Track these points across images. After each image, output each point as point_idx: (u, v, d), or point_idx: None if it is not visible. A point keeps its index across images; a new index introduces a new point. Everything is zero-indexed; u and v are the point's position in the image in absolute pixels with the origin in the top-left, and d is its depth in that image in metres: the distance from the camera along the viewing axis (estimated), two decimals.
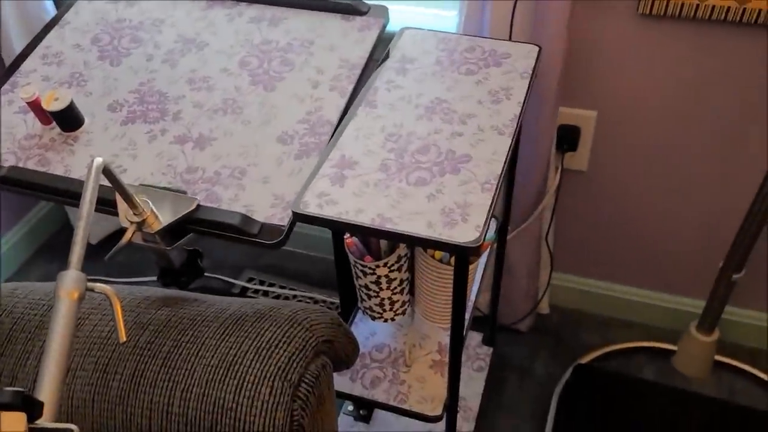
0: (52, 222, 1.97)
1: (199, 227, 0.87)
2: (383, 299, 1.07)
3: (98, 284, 0.66)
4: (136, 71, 1.05)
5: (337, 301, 1.75)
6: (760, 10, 1.11)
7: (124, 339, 0.69)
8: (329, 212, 0.82)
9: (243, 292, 1.81)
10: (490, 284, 1.49)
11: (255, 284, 1.83)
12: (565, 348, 1.63)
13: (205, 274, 1.83)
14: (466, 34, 1.18)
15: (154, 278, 1.03)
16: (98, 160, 0.70)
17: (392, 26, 1.13)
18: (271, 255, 1.89)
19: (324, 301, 1.77)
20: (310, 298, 1.78)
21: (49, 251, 1.93)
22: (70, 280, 0.62)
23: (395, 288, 1.06)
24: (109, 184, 0.78)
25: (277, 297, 1.79)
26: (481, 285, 1.23)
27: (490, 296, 1.50)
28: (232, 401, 0.81)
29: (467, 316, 1.14)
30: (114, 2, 1.15)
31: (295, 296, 1.79)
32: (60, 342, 0.57)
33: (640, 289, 1.63)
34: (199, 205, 0.87)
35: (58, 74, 1.05)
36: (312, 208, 0.83)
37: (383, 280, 1.04)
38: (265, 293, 1.80)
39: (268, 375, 0.82)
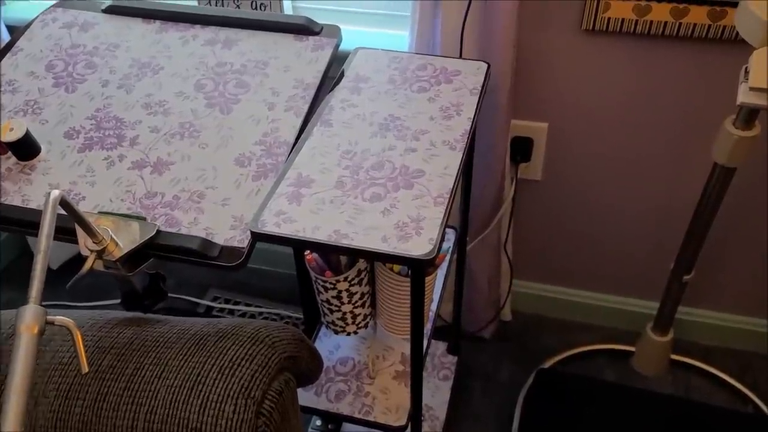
0: (11, 249, 1.94)
1: (159, 252, 0.88)
2: (345, 313, 1.09)
3: (58, 317, 0.67)
4: (92, 97, 1.06)
5: (302, 316, 1.76)
6: (694, 25, 1.17)
7: (86, 370, 0.70)
8: (287, 230, 0.84)
9: (208, 312, 1.81)
10: (452, 294, 1.52)
11: (220, 303, 1.83)
12: (529, 353, 1.67)
13: (171, 294, 1.83)
14: (417, 53, 1.22)
15: (118, 301, 1.04)
16: (55, 193, 0.71)
17: (346, 46, 1.16)
18: (237, 273, 1.89)
19: (290, 317, 1.78)
20: (276, 314, 1.79)
21: (11, 278, 1.91)
22: (30, 314, 0.63)
23: (356, 302, 1.08)
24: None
25: (243, 315, 1.80)
26: (444, 295, 1.26)
27: (453, 305, 1.53)
28: (196, 421, 0.82)
29: (429, 326, 1.16)
30: (68, 28, 1.16)
31: (261, 313, 1.80)
32: (22, 376, 0.58)
33: (597, 293, 1.68)
34: (159, 231, 0.88)
35: (13, 102, 1.05)
36: (270, 227, 0.85)
37: (344, 294, 1.06)
38: (231, 312, 1.81)
39: (232, 393, 0.84)
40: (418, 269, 0.87)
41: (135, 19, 1.17)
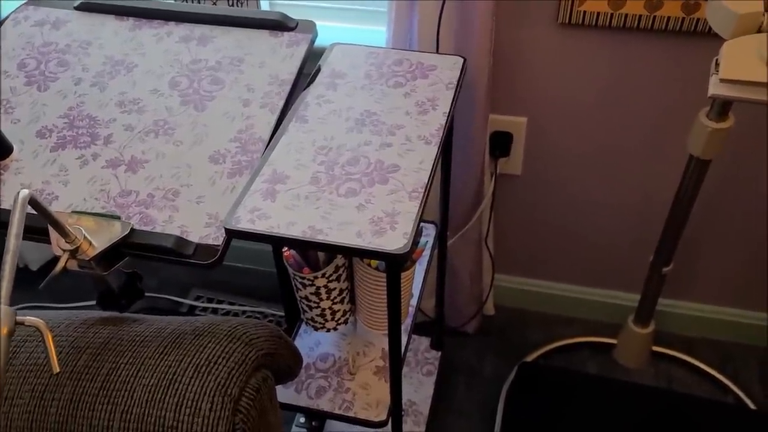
0: None
1: (134, 251, 0.88)
2: (324, 309, 1.09)
3: (28, 317, 0.66)
4: (64, 96, 1.05)
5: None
6: (668, 18, 1.18)
7: (57, 370, 0.70)
8: (261, 227, 0.84)
9: (191, 311, 1.80)
10: (434, 289, 1.52)
11: (203, 302, 1.82)
12: (511, 347, 1.67)
13: (154, 294, 1.82)
14: (394, 48, 1.22)
15: (94, 302, 1.03)
16: (24, 192, 0.70)
17: (323, 42, 1.15)
18: (219, 272, 1.88)
19: (273, 315, 1.78)
20: (259, 313, 1.79)
21: None
22: None
23: (335, 298, 1.08)
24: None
25: (226, 314, 1.79)
26: (426, 290, 1.26)
27: (435, 301, 1.53)
28: (173, 419, 0.82)
29: (409, 321, 1.16)
30: (40, 26, 1.15)
31: (244, 312, 1.79)
32: None
33: (579, 286, 1.69)
34: (133, 229, 0.87)
35: None
36: (244, 224, 0.84)
37: (322, 290, 1.06)
38: (214, 311, 1.80)
39: (208, 391, 0.83)
40: (393, 264, 0.87)
41: (108, 16, 1.16)
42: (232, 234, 0.85)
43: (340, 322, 1.13)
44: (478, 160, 1.38)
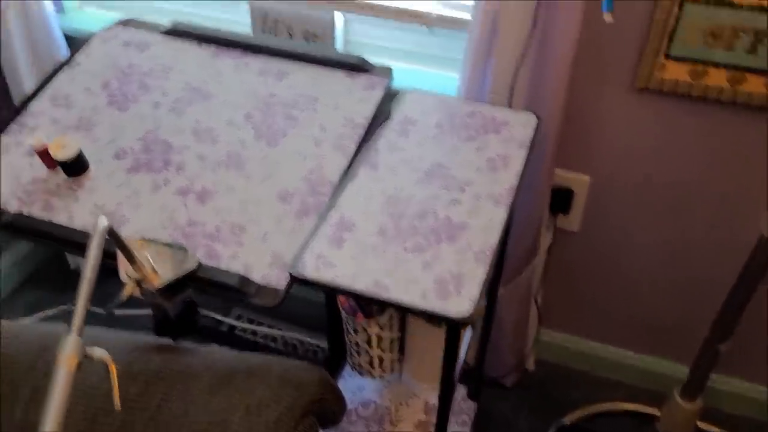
0: (41, 251, 1.96)
1: (197, 284, 0.88)
2: (372, 357, 1.08)
3: (96, 350, 0.67)
4: (142, 118, 1.07)
5: (324, 345, 1.74)
6: (751, 93, 1.15)
7: (119, 408, 0.70)
8: (326, 275, 0.84)
9: (231, 330, 1.81)
10: (477, 338, 1.49)
11: (243, 322, 1.83)
12: (550, 405, 1.63)
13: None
14: (467, 99, 1.21)
15: (148, 311, 1.03)
16: (103, 223, 0.71)
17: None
18: None
19: (312, 345, 1.77)
20: (299, 340, 1.78)
21: (38, 280, 1.92)
22: (71, 346, 0.63)
23: (385, 346, 1.07)
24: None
25: (265, 337, 1.79)
26: (470, 341, 1.24)
27: (477, 351, 1.51)
28: None
29: (456, 374, 1.14)
30: (125, 47, 1.18)
31: (283, 337, 1.79)
32: (55, 412, 0.58)
33: (627, 351, 1.64)
34: (200, 264, 0.88)
35: (67, 117, 1.07)
36: (309, 271, 0.84)
37: (374, 338, 1.05)
38: (254, 332, 1.80)
39: None
40: (454, 327, 0.86)
41: (191, 42, 1.18)
42: (297, 281, 0.84)
43: (386, 370, 1.12)
44: (537, 214, 1.36)
